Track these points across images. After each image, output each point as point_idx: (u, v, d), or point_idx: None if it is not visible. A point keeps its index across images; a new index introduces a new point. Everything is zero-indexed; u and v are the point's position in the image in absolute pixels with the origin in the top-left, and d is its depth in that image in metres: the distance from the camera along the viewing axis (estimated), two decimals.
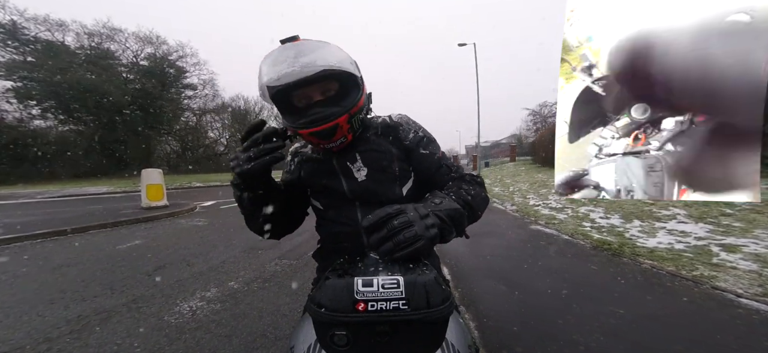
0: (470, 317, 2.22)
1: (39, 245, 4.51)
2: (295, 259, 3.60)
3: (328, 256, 0.94)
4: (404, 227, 0.61)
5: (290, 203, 0.92)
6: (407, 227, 0.61)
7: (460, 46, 18.87)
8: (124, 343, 1.99)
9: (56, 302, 2.58)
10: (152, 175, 7.71)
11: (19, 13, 21.63)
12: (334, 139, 0.77)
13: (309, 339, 0.64)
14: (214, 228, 5.50)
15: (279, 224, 0.89)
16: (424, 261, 0.65)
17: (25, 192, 13.23)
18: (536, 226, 4.99)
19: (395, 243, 0.60)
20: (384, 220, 0.62)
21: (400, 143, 0.87)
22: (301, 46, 0.72)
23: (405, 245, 0.60)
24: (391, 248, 0.60)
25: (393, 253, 0.61)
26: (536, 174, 13.53)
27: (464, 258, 3.50)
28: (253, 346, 1.93)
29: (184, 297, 2.64)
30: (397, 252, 0.61)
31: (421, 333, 0.56)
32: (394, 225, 0.61)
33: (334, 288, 0.56)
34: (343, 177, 0.86)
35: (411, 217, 0.63)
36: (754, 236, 3.50)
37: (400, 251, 0.60)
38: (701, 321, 2.07)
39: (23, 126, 21.95)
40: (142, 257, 3.81)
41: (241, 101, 37.33)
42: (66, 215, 6.84)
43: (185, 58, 30.61)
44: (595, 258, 3.36)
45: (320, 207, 0.93)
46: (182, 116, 31.84)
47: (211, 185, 15.61)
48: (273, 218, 0.81)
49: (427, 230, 0.63)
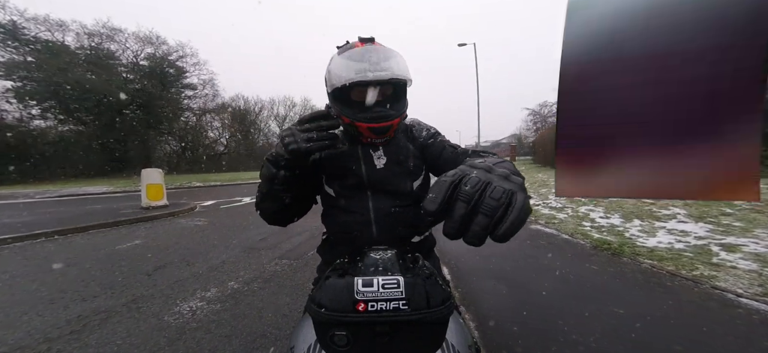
0: (470, 317, 2.22)
1: (39, 245, 4.51)
2: (295, 259, 3.60)
3: (335, 247, 0.96)
4: (481, 188, 0.44)
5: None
6: (486, 187, 0.44)
7: (460, 46, 18.88)
8: (124, 343, 1.99)
9: (56, 302, 2.58)
10: (152, 175, 7.71)
11: (19, 13, 21.66)
12: (385, 135, 0.89)
13: (309, 339, 0.64)
14: (214, 228, 5.50)
15: (291, 209, 0.91)
16: (424, 262, 0.65)
17: (25, 192, 13.23)
18: (536, 226, 4.99)
19: (487, 212, 0.42)
20: (449, 189, 0.45)
21: (415, 140, 0.97)
22: (380, 50, 0.81)
23: (500, 211, 0.42)
24: (486, 223, 0.42)
25: (489, 229, 0.42)
26: (536, 174, 13.54)
27: (464, 258, 3.50)
28: (253, 346, 1.93)
29: (183, 297, 2.64)
30: (497, 225, 0.42)
31: (421, 333, 0.56)
32: (467, 191, 0.44)
33: (334, 288, 0.56)
34: (363, 163, 0.91)
35: (478, 174, 0.46)
36: (754, 235, 3.50)
37: (499, 224, 0.42)
38: (701, 321, 2.07)
39: (23, 126, 21.97)
40: (142, 257, 3.81)
41: (241, 100, 37.43)
42: (66, 214, 6.84)
43: (185, 58, 30.66)
44: (595, 258, 3.36)
45: (332, 194, 0.95)
46: (182, 116, 31.85)
47: (211, 185, 15.60)
48: (292, 201, 0.86)
49: (506, 181, 0.45)
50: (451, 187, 0.46)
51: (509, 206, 0.42)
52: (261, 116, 39.31)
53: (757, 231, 3.60)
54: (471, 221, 0.43)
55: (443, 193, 0.45)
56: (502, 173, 0.48)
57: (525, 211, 0.42)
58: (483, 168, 0.48)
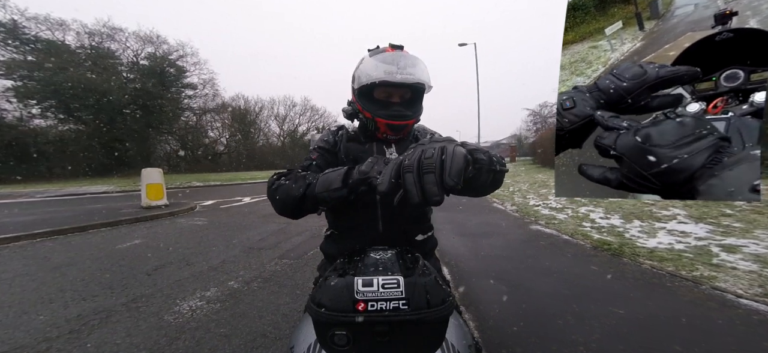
0: (470, 317, 2.22)
1: (38, 245, 4.50)
2: (295, 259, 3.60)
3: (340, 242, 0.97)
4: (418, 156, 0.53)
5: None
6: (421, 154, 0.53)
7: (460, 46, 18.89)
8: (124, 343, 1.98)
9: (56, 301, 2.57)
10: (152, 174, 7.71)
11: (19, 13, 21.64)
12: (400, 133, 0.98)
13: (309, 339, 0.64)
14: (214, 228, 5.49)
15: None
16: (424, 262, 0.65)
17: (25, 191, 13.22)
18: (536, 226, 4.99)
19: (428, 169, 0.51)
20: (394, 169, 0.56)
21: (418, 141, 1.02)
22: (407, 57, 0.90)
23: (437, 164, 0.51)
24: (432, 179, 0.50)
25: (439, 183, 0.50)
26: (536, 174, 13.54)
27: (464, 258, 3.50)
28: (253, 346, 1.92)
29: (183, 297, 2.64)
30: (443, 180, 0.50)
31: (421, 333, 0.56)
32: (407, 164, 0.53)
33: (335, 288, 0.56)
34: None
35: (414, 148, 0.56)
36: (754, 236, 3.49)
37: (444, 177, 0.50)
38: (701, 321, 2.07)
39: (23, 125, 21.92)
40: (142, 257, 3.80)
41: (241, 100, 37.41)
42: (65, 214, 6.83)
43: (185, 58, 30.57)
44: (595, 259, 3.36)
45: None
46: (182, 116, 31.81)
47: (211, 185, 15.59)
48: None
49: (437, 143, 0.55)
50: (395, 166, 0.56)
51: (443, 159, 0.51)
52: (261, 115, 39.35)
53: (757, 232, 3.59)
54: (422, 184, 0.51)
55: (389, 173, 0.56)
56: (437, 138, 0.57)
57: (457, 156, 0.51)
58: (421, 144, 0.57)
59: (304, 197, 0.79)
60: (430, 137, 0.63)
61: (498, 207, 7.06)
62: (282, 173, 0.88)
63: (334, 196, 0.74)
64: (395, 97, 0.94)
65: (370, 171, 0.70)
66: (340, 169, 0.77)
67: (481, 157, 0.64)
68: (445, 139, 0.60)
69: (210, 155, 33.64)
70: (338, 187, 0.74)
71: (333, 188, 0.75)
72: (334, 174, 0.77)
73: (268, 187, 0.87)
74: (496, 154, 0.79)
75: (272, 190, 0.86)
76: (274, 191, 0.85)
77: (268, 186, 0.87)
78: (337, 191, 0.74)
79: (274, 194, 0.85)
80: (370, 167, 0.71)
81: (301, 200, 0.80)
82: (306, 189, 0.79)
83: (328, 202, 0.76)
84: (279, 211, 0.86)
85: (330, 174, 0.77)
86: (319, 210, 0.82)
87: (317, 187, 0.77)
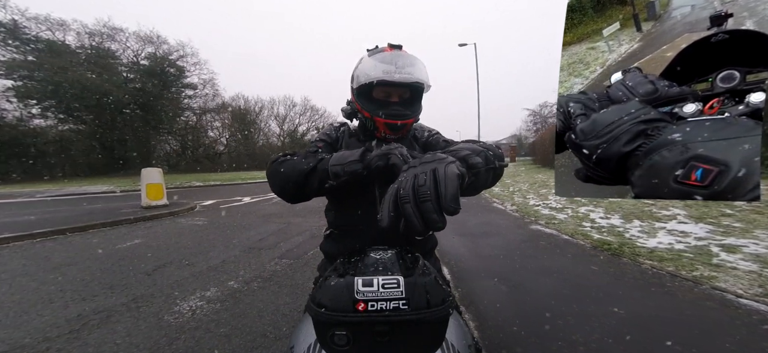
0: (470, 317, 2.22)
1: (38, 245, 4.50)
2: (295, 259, 3.60)
3: (340, 241, 0.97)
4: (411, 184, 0.54)
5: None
6: (414, 181, 0.53)
7: (460, 46, 18.88)
8: (124, 343, 1.99)
9: (56, 301, 2.58)
10: (152, 174, 7.70)
11: (20, 13, 21.64)
12: (399, 132, 0.97)
13: (309, 339, 0.64)
14: (214, 228, 5.49)
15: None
16: (424, 262, 0.65)
17: (25, 191, 13.22)
18: (536, 226, 4.99)
19: (424, 198, 0.51)
20: (391, 200, 0.55)
21: (418, 140, 1.07)
22: (406, 56, 0.90)
23: (431, 190, 0.51)
24: (429, 207, 0.50)
25: (437, 209, 0.50)
26: (536, 174, 13.54)
27: (464, 258, 3.50)
28: (253, 346, 1.93)
29: (183, 297, 2.64)
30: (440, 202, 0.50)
31: (421, 333, 0.56)
32: (402, 194, 0.53)
33: (335, 288, 0.56)
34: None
35: (406, 174, 0.56)
36: (754, 236, 3.50)
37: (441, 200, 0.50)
38: (701, 321, 2.07)
39: (23, 125, 21.91)
40: (142, 257, 3.81)
41: (241, 100, 37.39)
42: (65, 214, 6.83)
43: (185, 58, 30.57)
44: (595, 259, 3.36)
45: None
46: (182, 116, 31.80)
47: (211, 185, 15.59)
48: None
49: (428, 164, 0.56)
50: (392, 198, 0.54)
51: (437, 183, 0.51)
52: (261, 115, 39.32)
53: (757, 232, 3.60)
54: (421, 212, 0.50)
55: (387, 207, 0.54)
56: (427, 159, 0.56)
57: (450, 177, 0.51)
58: (413, 165, 0.57)
59: (313, 170, 0.78)
60: (420, 158, 0.60)
61: (498, 207, 7.07)
62: (288, 153, 0.88)
63: (349, 169, 0.75)
64: (394, 96, 0.95)
65: (389, 151, 0.71)
66: (355, 150, 0.78)
67: (477, 161, 0.65)
68: (436, 158, 0.56)
69: (210, 154, 33.62)
70: (355, 160, 0.74)
71: (349, 160, 0.75)
72: (349, 152, 0.78)
73: (271, 163, 0.86)
74: (492, 147, 0.81)
75: (276, 164, 0.84)
76: (278, 165, 0.83)
77: (271, 162, 0.85)
78: (353, 164, 0.74)
79: (278, 167, 0.83)
80: (388, 148, 0.72)
81: (308, 175, 0.79)
82: (317, 163, 0.79)
83: (340, 176, 0.75)
84: (278, 187, 0.84)
85: (345, 152, 0.79)
86: (324, 186, 0.79)
87: (331, 161, 0.77)
